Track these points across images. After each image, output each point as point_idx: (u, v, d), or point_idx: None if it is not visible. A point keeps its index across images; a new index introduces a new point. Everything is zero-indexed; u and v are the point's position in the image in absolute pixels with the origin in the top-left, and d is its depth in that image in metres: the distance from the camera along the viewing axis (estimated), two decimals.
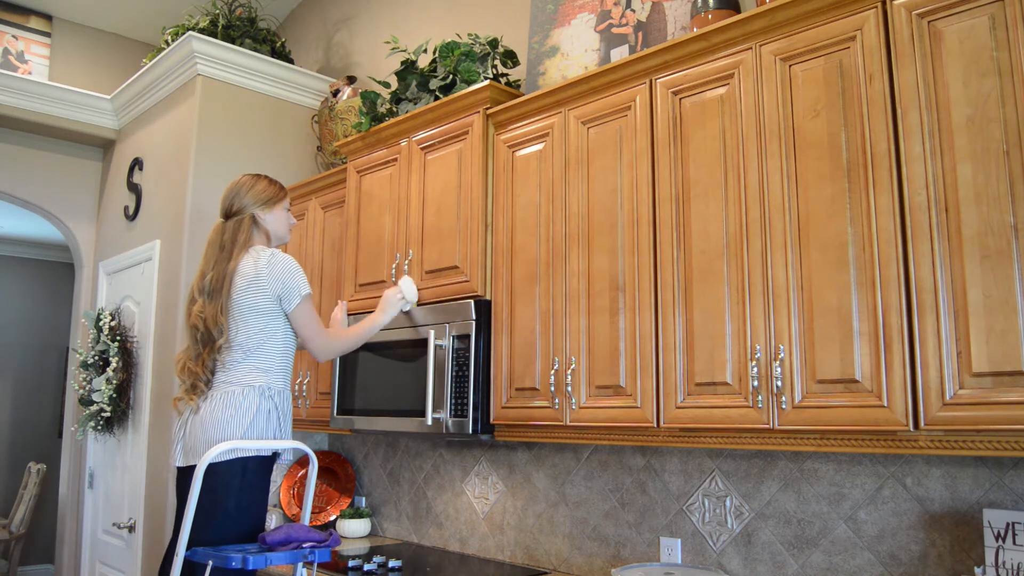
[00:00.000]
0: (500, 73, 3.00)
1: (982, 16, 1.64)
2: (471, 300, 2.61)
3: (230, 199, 2.43)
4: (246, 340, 2.26)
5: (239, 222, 2.38)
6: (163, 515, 3.43)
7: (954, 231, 1.63)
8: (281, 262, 2.31)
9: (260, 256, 2.31)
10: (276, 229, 2.46)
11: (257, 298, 2.27)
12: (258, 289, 2.27)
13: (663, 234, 2.15)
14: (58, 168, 4.54)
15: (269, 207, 2.43)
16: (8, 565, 5.95)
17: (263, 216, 2.42)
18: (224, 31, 3.84)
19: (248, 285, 2.27)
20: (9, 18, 4.61)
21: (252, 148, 3.84)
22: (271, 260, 2.30)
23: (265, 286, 2.27)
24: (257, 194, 2.42)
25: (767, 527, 2.20)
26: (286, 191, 2.52)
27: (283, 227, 2.49)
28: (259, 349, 2.26)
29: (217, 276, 2.29)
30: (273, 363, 2.28)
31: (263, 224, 2.42)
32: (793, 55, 1.94)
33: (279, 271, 2.28)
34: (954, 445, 1.62)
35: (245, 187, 2.44)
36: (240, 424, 2.17)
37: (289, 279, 2.29)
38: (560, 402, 2.34)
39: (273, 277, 2.27)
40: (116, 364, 3.80)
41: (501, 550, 2.94)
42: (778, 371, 1.85)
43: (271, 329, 2.29)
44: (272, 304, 2.28)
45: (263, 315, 2.27)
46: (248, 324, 2.26)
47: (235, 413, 2.18)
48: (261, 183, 2.46)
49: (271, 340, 2.29)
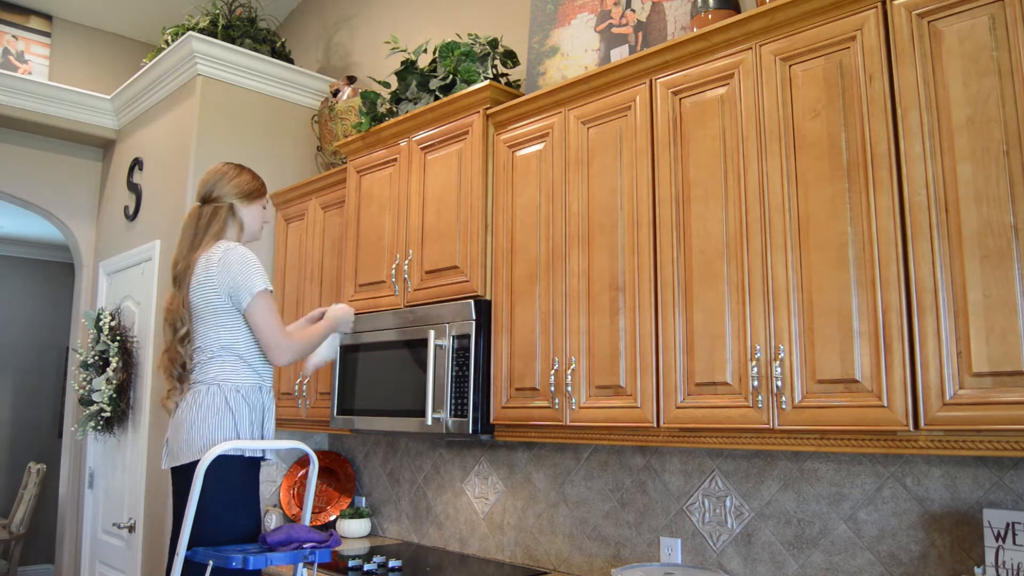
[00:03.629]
0: (500, 73, 3.00)
1: (982, 16, 1.64)
2: (471, 300, 2.61)
3: (211, 184, 2.34)
4: (210, 339, 2.17)
5: (216, 210, 2.30)
6: (163, 515, 3.43)
7: (954, 231, 1.63)
8: (235, 257, 2.18)
9: (216, 250, 2.20)
10: (251, 224, 2.37)
11: (210, 296, 2.17)
12: (210, 287, 2.17)
13: (663, 234, 2.15)
14: (58, 168, 4.54)
15: (249, 200, 2.35)
16: (8, 565, 5.95)
17: (241, 208, 2.34)
18: (224, 31, 3.84)
19: (201, 283, 2.18)
20: (9, 18, 4.61)
21: (252, 148, 3.84)
22: (224, 255, 2.18)
23: (216, 283, 2.16)
24: (239, 185, 2.34)
25: (767, 527, 2.20)
26: (266, 188, 2.45)
27: (257, 224, 2.40)
28: (225, 347, 2.17)
29: (184, 265, 2.23)
30: (241, 361, 2.18)
31: (239, 216, 2.34)
32: (793, 55, 1.94)
33: (231, 267, 2.16)
34: (954, 445, 1.62)
35: (228, 176, 2.35)
36: (207, 424, 2.09)
37: (241, 275, 2.15)
38: (560, 402, 2.34)
39: (224, 273, 2.16)
40: (116, 364, 3.80)
41: (501, 550, 2.94)
42: (778, 371, 1.85)
43: (232, 326, 2.18)
44: (226, 302, 2.17)
45: (221, 313, 2.17)
46: (207, 322, 2.18)
47: (200, 412, 2.11)
48: (245, 175, 2.37)
49: (235, 337, 2.18)
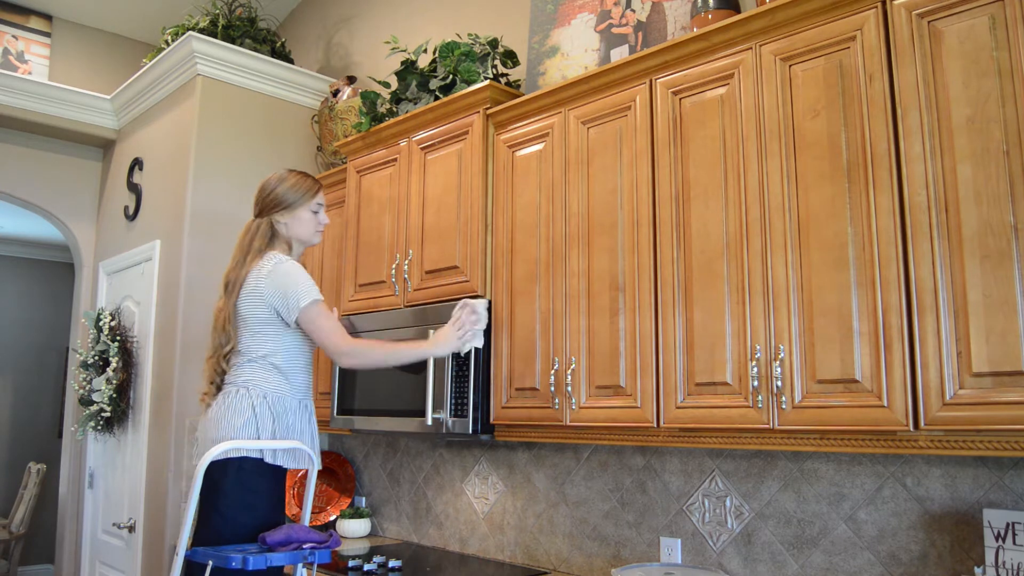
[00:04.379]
0: (500, 73, 3.00)
1: (982, 16, 1.64)
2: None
3: (257, 199, 2.38)
4: (251, 346, 2.25)
5: (259, 226, 2.34)
6: (163, 515, 3.43)
7: (954, 231, 1.63)
8: (281, 272, 2.24)
9: (266, 264, 2.26)
10: (298, 234, 2.37)
11: (255, 307, 2.24)
12: (257, 297, 2.24)
13: (663, 234, 2.15)
14: (58, 168, 4.54)
15: (289, 211, 2.34)
16: (8, 565, 5.96)
17: (281, 221, 2.35)
18: (224, 31, 3.84)
19: (248, 294, 2.25)
20: (9, 18, 4.61)
21: (252, 148, 3.84)
22: (273, 268, 2.25)
23: (262, 296, 2.23)
24: (277, 197, 2.34)
25: (767, 527, 2.20)
26: (313, 190, 2.40)
27: (306, 231, 2.39)
28: (263, 356, 2.24)
29: (233, 278, 2.28)
30: (276, 371, 2.25)
31: (280, 230, 2.35)
32: (793, 55, 1.94)
33: (276, 281, 2.23)
34: (954, 445, 1.62)
35: (265, 189, 2.37)
36: (231, 424, 2.16)
37: (288, 288, 2.22)
38: (560, 402, 2.34)
39: (270, 287, 2.23)
40: (116, 364, 3.80)
41: (501, 550, 2.94)
42: (778, 371, 1.85)
43: (274, 337, 2.25)
44: (270, 314, 2.24)
45: (264, 324, 2.25)
46: (250, 331, 2.25)
47: (226, 412, 2.18)
48: (284, 184, 2.36)
49: (275, 349, 2.25)
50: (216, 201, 3.68)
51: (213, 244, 3.63)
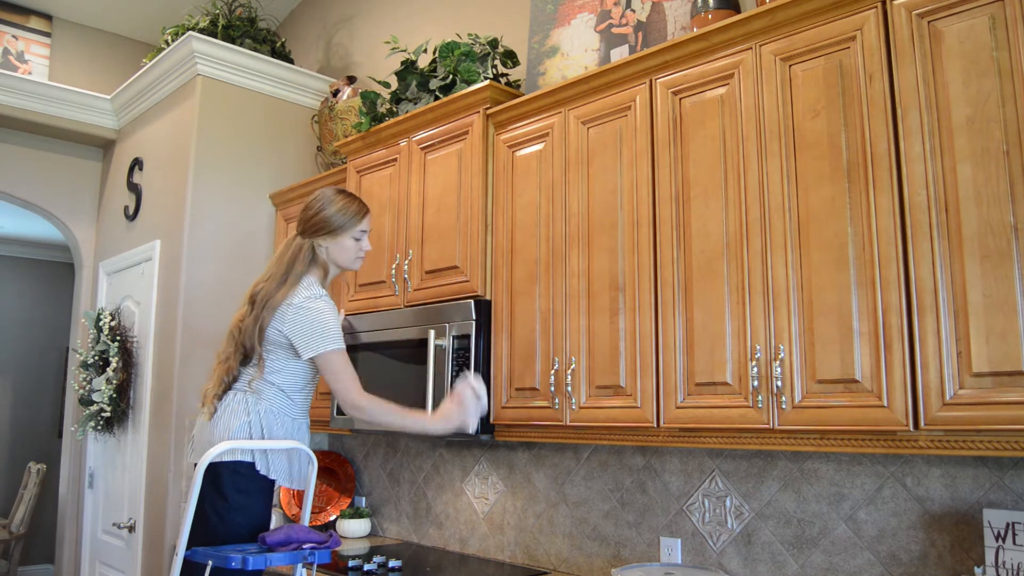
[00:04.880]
0: (500, 73, 3.00)
1: (982, 16, 1.64)
2: (471, 300, 2.61)
3: (302, 218, 2.33)
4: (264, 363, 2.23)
5: (300, 247, 2.28)
6: (163, 515, 3.43)
7: (954, 231, 1.63)
8: (312, 311, 2.19)
9: (299, 294, 2.22)
10: (337, 260, 2.33)
11: (277, 333, 2.21)
12: (281, 324, 2.20)
13: (663, 234, 2.15)
14: (58, 168, 4.54)
15: (332, 236, 2.30)
16: (8, 565, 5.95)
17: (323, 246, 2.30)
18: (224, 31, 3.84)
19: (276, 318, 2.21)
20: (9, 18, 4.61)
21: (252, 148, 3.84)
22: (301, 305, 2.20)
23: (286, 325, 2.20)
24: (321, 220, 2.29)
25: (767, 527, 2.20)
26: (360, 215, 2.34)
27: (347, 258, 2.34)
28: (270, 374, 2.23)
29: (264, 295, 2.24)
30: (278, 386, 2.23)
31: (319, 254, 2.30)
32: (793, 55, 1.94)
33: (305, 319, 2.19)
34: (954, 445, 1.62)
35: (313, 209, 2.31)
36: (227, 426, 2.16)
37: (316, 331, 2.18)
38: (560, 402, 2.34)
39: (295, 322, 2.19)
40: (116, 364, 3.80)
41: (501, 550, 2.94)
42: (778, 371, 1.85)
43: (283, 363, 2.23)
44: (285, 341, 2.21)
45: (279, 349, 2.23)
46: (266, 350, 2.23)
47: (223, 415, 2.19)
48: (332, 207, 2.30)
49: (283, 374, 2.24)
50: (216, 201, 3.68)
51: (213, 244, 3.63)
